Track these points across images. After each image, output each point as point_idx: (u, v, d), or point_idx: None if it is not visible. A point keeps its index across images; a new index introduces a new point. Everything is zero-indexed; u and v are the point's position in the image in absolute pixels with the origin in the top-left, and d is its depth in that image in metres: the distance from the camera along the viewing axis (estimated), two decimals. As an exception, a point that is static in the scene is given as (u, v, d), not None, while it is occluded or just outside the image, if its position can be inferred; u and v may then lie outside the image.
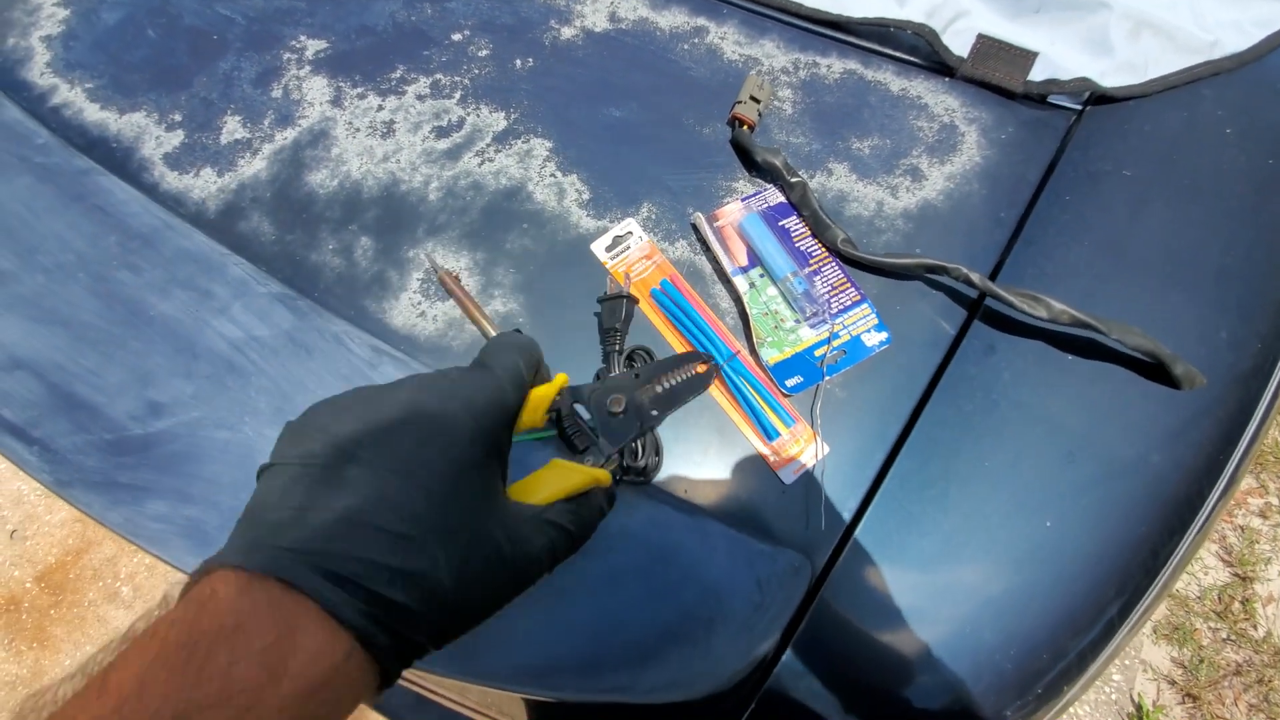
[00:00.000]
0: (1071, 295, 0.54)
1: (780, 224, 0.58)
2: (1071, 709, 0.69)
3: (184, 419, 0.51)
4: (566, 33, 0.68)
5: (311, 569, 0.25)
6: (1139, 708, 1.21)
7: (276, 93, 0.67)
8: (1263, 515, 1.35)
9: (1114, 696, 1.24)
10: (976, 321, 0.56)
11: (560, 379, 0.42)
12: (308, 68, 0.68)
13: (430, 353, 0.55)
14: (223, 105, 0.67)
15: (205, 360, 0.54)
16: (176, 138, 0.66)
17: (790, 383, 0.53)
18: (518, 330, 0.53)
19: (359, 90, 0.67)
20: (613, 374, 0.51)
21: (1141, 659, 1.26)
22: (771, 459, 0.51)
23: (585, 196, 0.60)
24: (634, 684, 0.44)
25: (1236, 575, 1.29)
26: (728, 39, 0.68)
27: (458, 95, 0.66)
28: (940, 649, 0.48)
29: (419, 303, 0.57)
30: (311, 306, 0.56)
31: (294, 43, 0.70)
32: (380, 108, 0.65)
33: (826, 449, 0.51)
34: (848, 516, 0.50)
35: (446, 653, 0.46)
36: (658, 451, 0.49)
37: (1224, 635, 1.25)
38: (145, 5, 0.72)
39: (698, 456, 0.52)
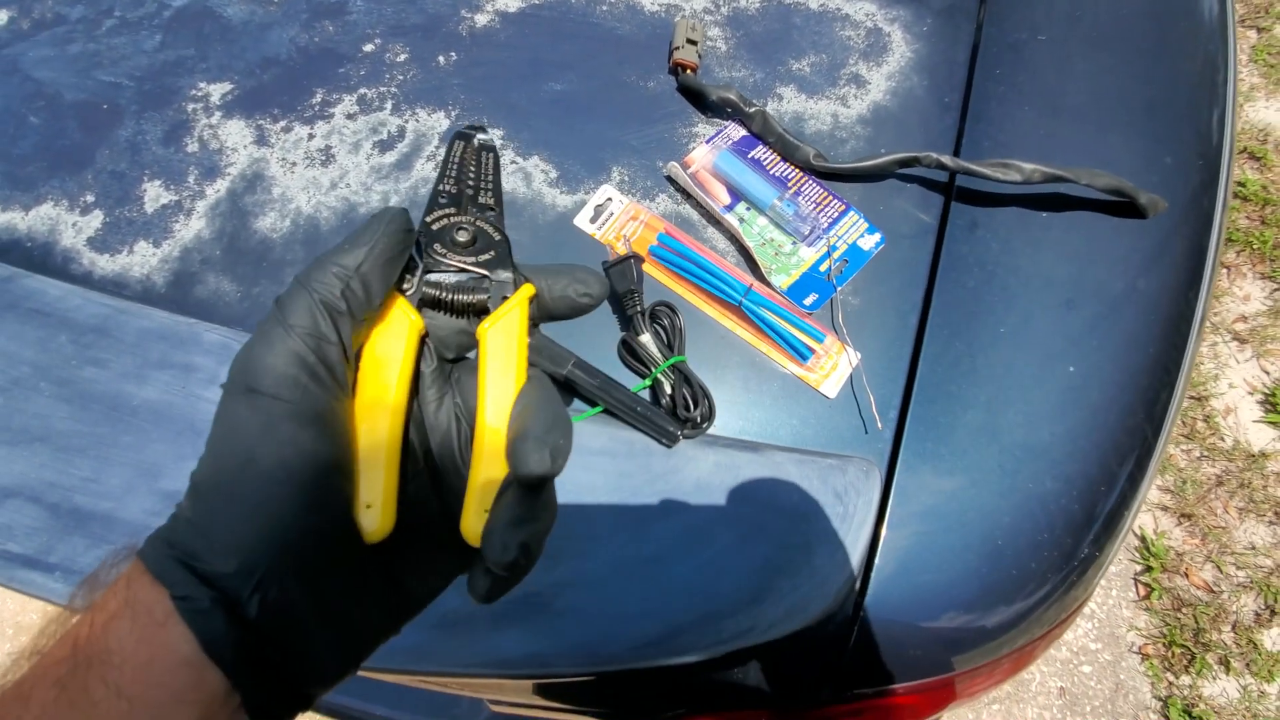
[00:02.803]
0: (1027, 158, 0.56)
1: (750, 155, 0.59)
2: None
3: (206, 501, 0.48)
4: (481, 19, 0.66)
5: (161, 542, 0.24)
6: (1143, 539, 1.30)
7: (192, 147, 0.63)
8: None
9: (1118, 534, 1.33)
10: (954, 203, 0.58)
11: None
12: (218, 114, 0.64)
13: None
14: (136, 174, 0.62)
15: (209, 436, 0.50)
16: (96, 219, 0.60)
17: (808, 301, 0.53)
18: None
19: (282, 124, 0.63)
20: (642, 335, 0.50)
21: (1132, 494, 1.35)
22: (811, 377, 0.52)
23: (553, 175, 0.59)
24: (754, 625, 0.44)
25: (1191, 396, 1.40)
26: (642, -8, 0.67)
27: (389, 105, 0.63)
28: (1014, 509, 0.50)
29: (415, 321, 0.55)
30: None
31: (194, 92, 0.65)
32: (311, 136, 0.62)
33: (858, 356, 0.52)
34: (895, 412, 0.52)
35: (563, 645, 0.45)
36: (708, 399, 0.49)
37: (1197, 454, 1.35)
38: (19, 93, 0.66)
39: (741, 394, 0.52)
